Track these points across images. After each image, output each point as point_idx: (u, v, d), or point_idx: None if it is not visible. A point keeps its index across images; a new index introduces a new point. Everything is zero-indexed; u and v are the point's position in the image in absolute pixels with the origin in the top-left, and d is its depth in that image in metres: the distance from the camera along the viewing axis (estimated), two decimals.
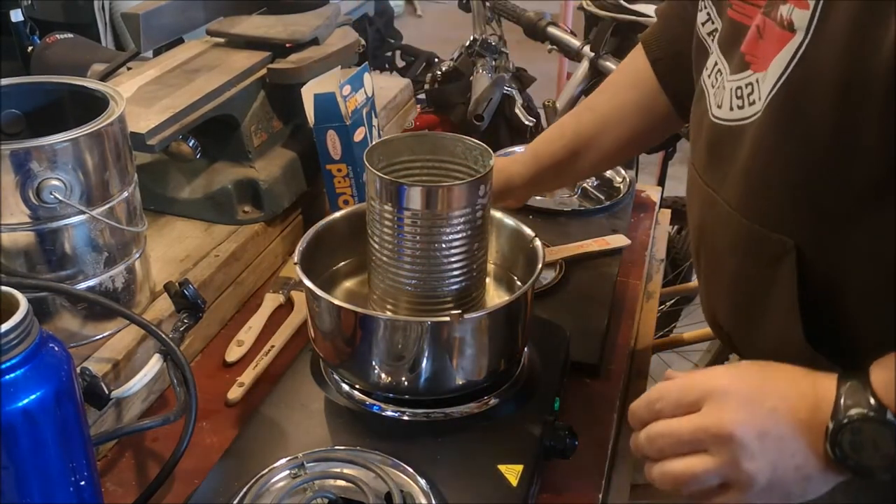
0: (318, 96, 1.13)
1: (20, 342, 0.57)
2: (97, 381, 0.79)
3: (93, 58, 1.40)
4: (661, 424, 0.69)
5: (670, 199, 1.87)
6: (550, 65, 3.56)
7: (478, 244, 0.82)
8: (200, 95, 1.08)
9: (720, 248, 0.84)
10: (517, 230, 0.92)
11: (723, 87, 0.80)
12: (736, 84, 0.77)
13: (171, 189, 1.15)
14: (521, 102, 1.92)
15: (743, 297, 0.84)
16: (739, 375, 0.69)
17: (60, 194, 0.81)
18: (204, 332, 1.02)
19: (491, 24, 2.07)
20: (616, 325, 1.08)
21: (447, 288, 0.82)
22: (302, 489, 0.71)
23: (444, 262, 0.81)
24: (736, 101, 0.77)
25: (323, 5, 1.34)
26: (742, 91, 0.76)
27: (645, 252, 1.27)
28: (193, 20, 1.23)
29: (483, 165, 0.82)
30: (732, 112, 0.78)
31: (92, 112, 0.84)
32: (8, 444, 0.58)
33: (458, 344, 0.79)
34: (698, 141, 0.86)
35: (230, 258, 1.07)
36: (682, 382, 0.69)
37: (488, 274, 0.96)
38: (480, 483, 0.75)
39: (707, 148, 0.83)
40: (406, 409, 0.83)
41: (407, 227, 0.79)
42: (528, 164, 1.09)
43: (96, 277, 0.88)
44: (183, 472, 0.81)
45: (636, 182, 1.39)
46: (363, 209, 0.85)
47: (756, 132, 0.75)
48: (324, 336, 0.84)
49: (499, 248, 0.95)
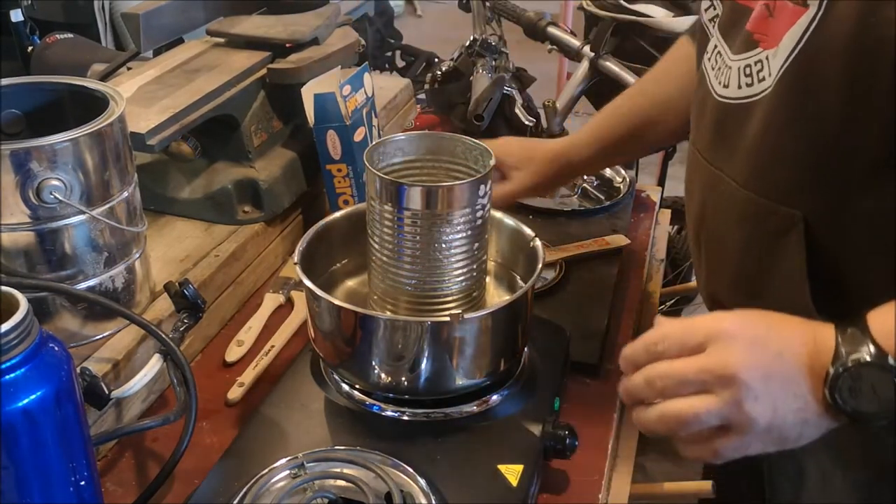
0: (318, 96, 1.13)
1: (20, 342, 0.57)
2: (97, 381, 0.79)
3: (93, 58, 1.41)
4: (664, 365, 0.67)
5: (670, 199, 1.87)
6: (550, 65, 3.56)
7: (478, 244, 0.82)
8: (200, 95, 1.08)
9: (725, 225, 0.85)
10: (517, 230, 0.92)
11: (726, 67, 0.81)
12: (744, 62, 0.79)
13: (171, 189, 1.15)
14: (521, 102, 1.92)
15: (748, 270, 0.84)
16: (744, 320, 0.69)
17: (60, 194, 0.80)
18: (204, 332, 1.02)
19: (491, 24, 2.07)
20: (616, 325, 1.08)
21: (447, 288, 0.82)
22: (302, 489, 0.71)
23: (444, 262, 0.81)
24: (744, 80, 0.79)
25: (323, 5, 1.34)
26: (751, 69, 0.78)
27: (645, 252, 1.27)
28: (193, 20, 1.23)
29: (483, 165, 0.82)
30: (741, 90, 0.79)
31: (92, 112, 0.84)
32: (8, 444, 0.58)
33: (458, 344, 0.79)
34: (701, 123, 0.87)
35: (230, 258, 1.07)
36: (686, 324, 0.69)
37: (489, 273, 0.96)
38: (480, 483, 0.75)
39: (713, 127, 0.84)
40: (406, 409, 0.83)
41: (407, 227, 0.79)
42: (591, 145, 1.11)
43: (96, 277, 0.88)
44: (183, 472, 0.81)
45: (636, 182, 1.39)
46: (363, 209, 0.85)
47: (766, 107, 0.76)
48: (324, 336, 0.84)
49: (499, 248, 0.95)
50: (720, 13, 0.85)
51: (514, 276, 0.94)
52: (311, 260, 0.86)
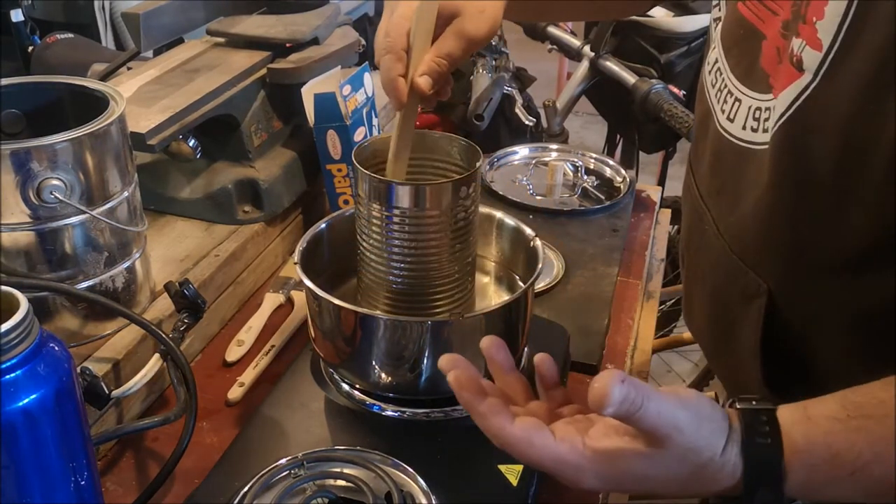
0: (318, 96, 1.13)
1: (20, 342, 0.57)
2: (97, 381, 0.79)
3: (93, 58, 1.41)
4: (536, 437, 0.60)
5: (670, 199, 1.87)
6: (550, 65, 3.56)
7: (460, 245, 0.81)
8: (200, 95, 1.08)
9: (704, 263, 0.83)
10: (517, 230, 0.92)
11: (733, 98, 0.76)
12: (755, 104, 0.73)
13: (172, 189, 1.15)
14: (521, 102, 1.92)
15: (715, 324, 0.83)
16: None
17: (60, 194, 0.81)
18: (204, 331, 1.02)
19: None
20: (616, 325, 1.08)
21: (432, 286, 0.81)
22: (302, 489, 0.71)
23: (430, 261, 0.80)
24: (752, 122, 0.73)
25: (323, 5, 1.34)
26: (760, 113, 0.72)
27: (645, 252, 1.27)
28: (193, 20, 1.23)
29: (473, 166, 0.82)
30: (745, 132, 0.74)
31: (92, 112, 0.84)
32: (8, 444, 0.58)
33: (459, 344, 0.79)
34: (701, 145, 0.84)
35: (230, 258, 1.07)
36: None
37: (489, 273, 0.96)
38: (480, 483, 0.75)
39: (710, 158, 0.81)
40: (406, 409, 0.83)
41: (389, 225, 0.78)
42: None
43: (96, 277, 0.88)
44: (183, 472, 0.81)
45: (636, 182, 1.39)
46: None
47: (759, 163, 0.71)
48: (324, 336, 0.84)
49: (499, 248, 0.95)
50: (723, 17, 0.80)
51: (514, 276, 0.94)
52: (311, 260, 0.86)
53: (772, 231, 0.72)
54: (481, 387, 0.63)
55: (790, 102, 0.66)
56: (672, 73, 2.03)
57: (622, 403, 0.54)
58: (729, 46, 0.78)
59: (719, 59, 0.79)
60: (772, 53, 0.71)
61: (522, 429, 0.59)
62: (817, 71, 0.64)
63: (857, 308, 0.68)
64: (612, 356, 1.02)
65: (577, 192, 1.37)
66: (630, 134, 2.26)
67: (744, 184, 0.74)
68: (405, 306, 0.82)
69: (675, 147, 2.32)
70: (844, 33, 0.61)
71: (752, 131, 0.73)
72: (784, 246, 0.71)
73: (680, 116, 1.74)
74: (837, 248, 0.68)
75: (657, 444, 0.57)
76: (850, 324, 0.70)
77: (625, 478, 0.59)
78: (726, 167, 0.78)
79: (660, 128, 1.92)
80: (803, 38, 0.65)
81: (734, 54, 0.77)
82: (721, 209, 0.79)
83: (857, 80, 0.61)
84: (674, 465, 0.58)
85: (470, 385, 0.63)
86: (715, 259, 0.79)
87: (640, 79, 1.87)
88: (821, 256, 0.69)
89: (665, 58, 2.03)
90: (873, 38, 0.59)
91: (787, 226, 0.70)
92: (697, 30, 2.04)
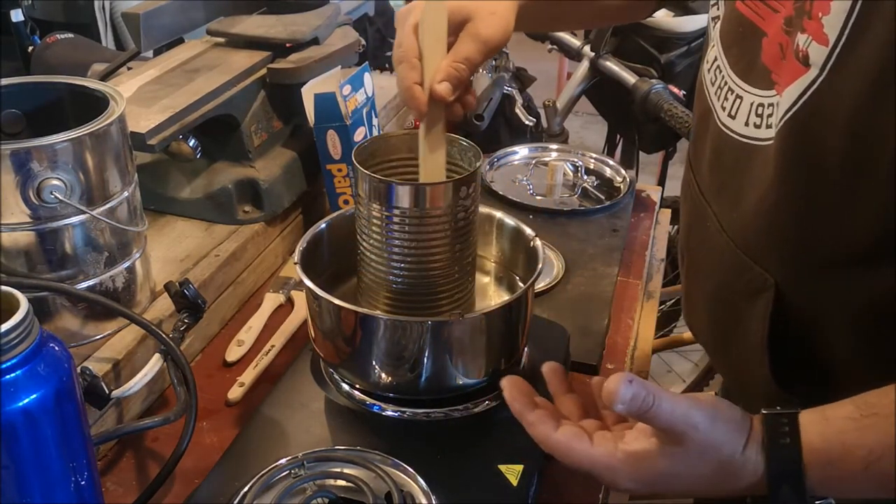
0: (318, 96, 1.13)
1: (20, 342, 0.57)
2: (97, 381, 0.79)
3: (93, 58, 1.41)
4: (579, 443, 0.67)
5: (670, 199, 1.87)
6: (550, 65, 3.56)
7: (460, 245, 0.81)
8: (200, 95, 1.08)
9: (704, 262, 0.83)
10: (517, 230, 0.92)
11: (734, 95, 0.76)
12: (758, 100, 0.73)
13: (172, 189, 1.15)
14: (521, 102, 1.92)
15: (718, 321, 0.82)
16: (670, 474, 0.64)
17: (61, 194, 0.81)
18: (204, 331, 1.02)
19: None
20: (616, 325, 1.08)
21: (432, 286, 0.82)
22: (302, 489, 0.71)
23: (430, 262, 0.80)
24: (754, 119, 0.73)
25: (323, 5, 1.34)
26: (763, 110, 0.73)
27: (645, 252, 1.27)
28: (193, 20, 1.23)
29: (473, 166, 0.82)
30: (747, 128, 0.74)
31: (92, 112, 0.84)
32: (8, 444, 0.58)
33: (459, 344, 0.79)
34: (700, 143, 0.84)
35: (230, 258, 1.07)
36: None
37: (489, 273, 0.96)
38: (480, 483, 0.75)
39: (711, 154, 0.81)
40: (406, 409, 0.83)
41: (389, 225, 0.78)
42: None
43: (96, 277, 0.88)
44: (183, 472, 0.81)
45: (636, 182, 1.39)
46: None
47: (764, 159, 0.72)
48: (324, 336, 0.84)
49: (499, 248, 0.95)
50: (721, 15, 0.80)
51: (514, 276, 0.94)
52: (311, 260, 0.86)
53: (778, 225, 0.72)
54: (532, 399, 0.70)
55: (796, 97, 0.67)
56: (672, 73, 2.03)
57: (633, 400, 0.60)
58: (728, 44, 0.78)
59: (718, 57, 0.79)
60: (774, 50, 0.71)
61: (564, 435, 0.67)
62: (824, 65, 0.64)
63: (864, 301, 0.70)
64: (612, 356, 1.02)
65: (577, 192, 1.37)
66: (630, 134, 2.26)
67: (747, 180, 0.74)
68: (405, 306, 0.82)
69: (675, 147, 2.32)
70: (851, 28, 0.62)
71: (754, 127, 0.73)
72: (790, 240, 0.72)
73: (680, 116, 1.74)
74: (844, 241, 0.68)
75: (676, 441, 0.62)
76: (857, 316, 0.71)
77: (653, 477, 0.63)
78: (728, 164, 0.78)
79: (660, 128, 1.92)
80: (809, 33, 0.65)
81: (734, 52, 0.77)
82: (723, 205, 0.79)
83: (864, 75, 0.62)
84: (696, 461, 0.62)
85: (522, 397, 0.70)
86: (718, 255, 0.79)
87: (640, 79, 1.87)
88: (827, 250, 0.70)
89: (665, 58, 2.03)
90: (879, 33, 0.60)
91: (793, 220, 0.71)
92: (697, 30, 2.04)
